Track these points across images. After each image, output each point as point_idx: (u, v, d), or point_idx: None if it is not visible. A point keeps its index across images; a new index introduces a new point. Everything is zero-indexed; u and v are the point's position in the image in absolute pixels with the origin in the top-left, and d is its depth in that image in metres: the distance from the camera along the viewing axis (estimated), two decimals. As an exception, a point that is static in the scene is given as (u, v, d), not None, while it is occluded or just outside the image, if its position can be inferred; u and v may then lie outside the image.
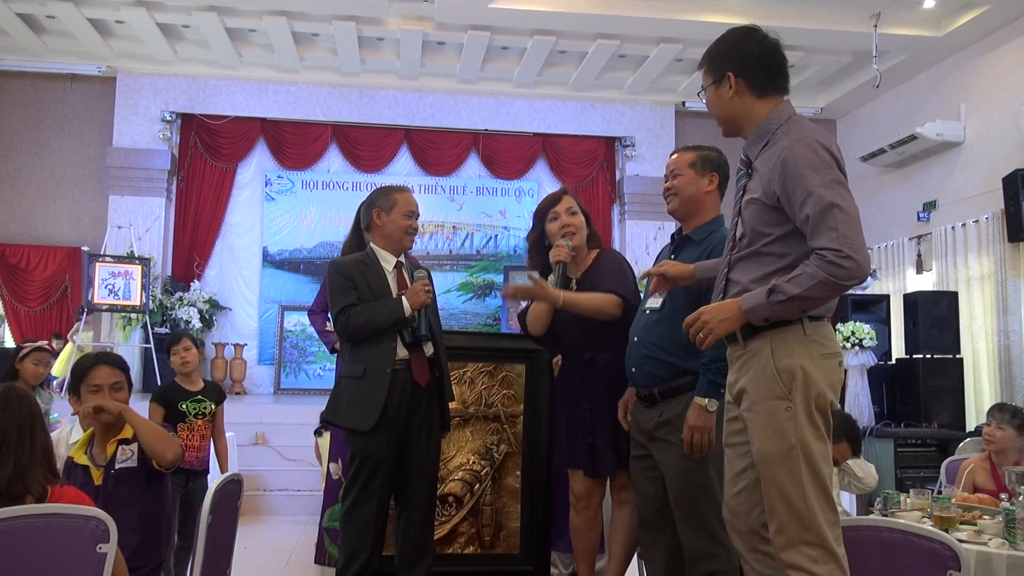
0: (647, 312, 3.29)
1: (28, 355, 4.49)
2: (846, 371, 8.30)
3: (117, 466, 2.94)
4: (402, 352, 3.48)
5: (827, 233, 2.34)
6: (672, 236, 3.41)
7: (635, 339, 3.28)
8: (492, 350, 3.80)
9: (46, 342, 4.79)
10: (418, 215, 3.71)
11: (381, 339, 3.47)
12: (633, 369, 3.33)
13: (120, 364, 3.19)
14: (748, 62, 2.61)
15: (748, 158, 2.68)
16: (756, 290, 2.48)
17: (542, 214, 3.68)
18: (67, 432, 4.04)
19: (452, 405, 3.92)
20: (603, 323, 3.42)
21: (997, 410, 4.28)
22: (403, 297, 3.48)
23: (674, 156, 3.41)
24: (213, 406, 4.64)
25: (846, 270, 2.30)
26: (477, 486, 4.02)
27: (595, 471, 3.53)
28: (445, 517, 3.97)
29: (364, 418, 3.42)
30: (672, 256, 3.27)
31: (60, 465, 2.83)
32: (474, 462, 4.02)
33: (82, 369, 3.10)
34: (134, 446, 2.97)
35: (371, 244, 3.68)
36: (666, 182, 3.37)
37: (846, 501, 4.85)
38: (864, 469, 3.98)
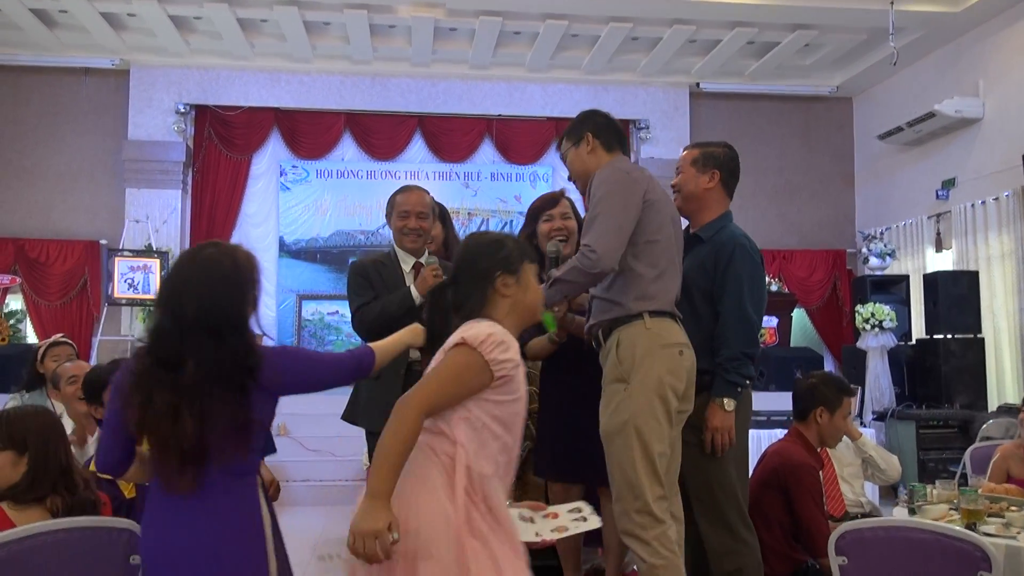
0: None
1: (46, 353, 4.46)
2: (866, 352, 8.28)
3: None
4: (415, 353, 3.48)
5: (588, 234, 2.90)
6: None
7: None
8: (514, 347, 3.78)
9: (62, 335, 4.75)
10: (418, 213, 3.65)
11: None
12: None
13: None
14: (599, 127, 3.19)
15: None
16: None
17: (535, 213, 3.73)
18: None
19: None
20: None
21: None
22: (412, 286, 3.49)
23: (683, 152, 3.53)
24: None
25: (590, 260, 2.84)
26: (501, 482, 4.03)
27: (598, 480, 3.28)
28: (470, 514, 3.98)
29: (379, 418, 3.42)
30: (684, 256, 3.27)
31: None
32: (497, 458, 4.02)
33: (104, 378, 3.11)
34: None
35: (393, 244, 3.72)
36: (674, 179, 3.52)
37: (870, 491, 4.85)
38: (887, 461, 3.98)
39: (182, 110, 10.49)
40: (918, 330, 8.88)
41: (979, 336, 8.11)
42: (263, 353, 2.23)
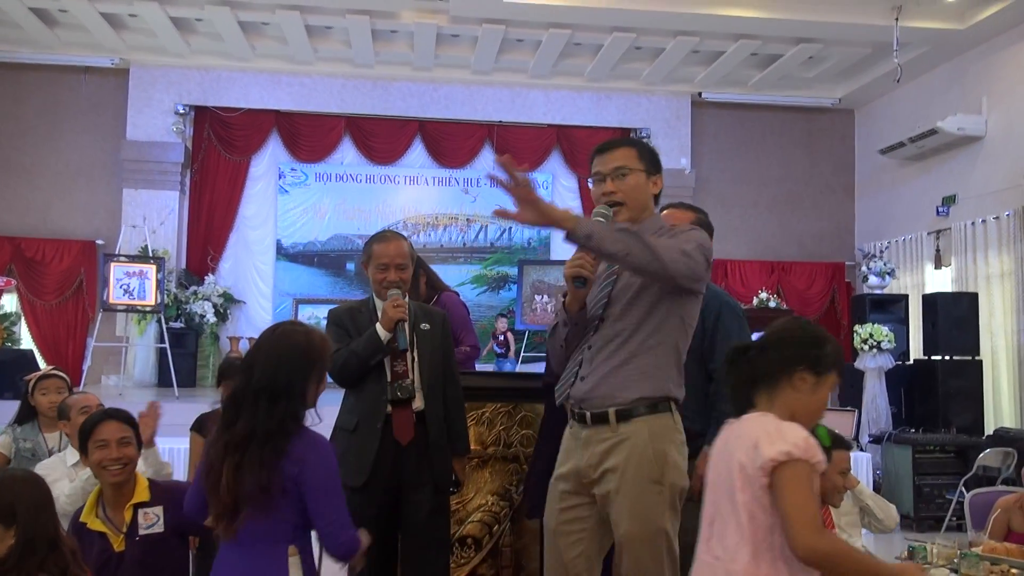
0: None
1: (36, 386, 4.32)
2: (863, 373, 8.26)
3: (142, 532, 2.91)
4: (388, 408, 3.41)
5: (688, 244, 2.56)
6: None
7: None
8: (511, 390, 3.77)
9: (53, 367, 4.63)
10: (397, 265, 3.46)
11: (372, 391, 3.41)
12: None
13: (129, 420, 3.12)
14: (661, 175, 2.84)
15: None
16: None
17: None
18: (60, 466, 3.79)
19: (471, 446, 3.84)
20: None
21: None
22: (377, 323, 3.41)
23: (665, 212, 3.38)
24: None
25: (684, 263, 2.51)
26: (496, 527, 4.00)
27: None
28: (464, 559, 3.95)
29: (355, 473, 3.33)
30: None
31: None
32: (493, 503, 3.99)
33: (89, 425, 3.04)
34: (158, 510, 2.95)
35: (372, 291, 3.61)
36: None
37: (867, 538, 4.83)
38: (884, 511, 3.95)
39: (181, 111, 10.44)
40: (916, 350, 8.86)
41: (977, 358, 8.10)
42: (306, 433, 2.38)
